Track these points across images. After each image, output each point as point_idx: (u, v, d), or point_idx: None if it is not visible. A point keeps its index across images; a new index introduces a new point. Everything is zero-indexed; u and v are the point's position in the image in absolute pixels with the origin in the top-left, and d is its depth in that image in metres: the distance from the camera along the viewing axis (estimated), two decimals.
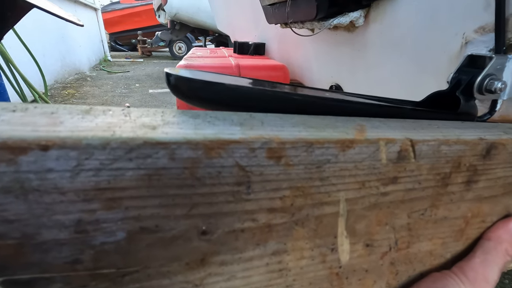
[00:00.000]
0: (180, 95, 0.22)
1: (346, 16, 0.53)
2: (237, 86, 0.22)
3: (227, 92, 0.21)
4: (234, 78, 0.26)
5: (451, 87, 0.36)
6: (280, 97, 0.23)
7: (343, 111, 0.28)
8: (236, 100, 0.22)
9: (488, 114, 0.38)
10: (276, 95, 0.23)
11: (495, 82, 0.33)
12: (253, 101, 0.23)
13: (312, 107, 0.25)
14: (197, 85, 0.21)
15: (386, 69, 0.56)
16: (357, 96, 0.36)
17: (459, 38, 0.40)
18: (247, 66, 0.80)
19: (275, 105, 0.22)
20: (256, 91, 0.23)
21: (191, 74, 0.23)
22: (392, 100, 0.37)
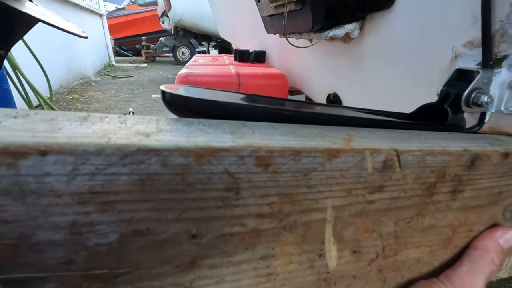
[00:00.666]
0: (175, 112, 0.24)
1: (342, 28, 0.54)
2: (228, 103, 0.23)
3: (219, 109, 0.23)
4: (227, 94, 0.27)
5: (440, 99, 0.37)
6: (270, 113, 0.24)
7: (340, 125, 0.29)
8: (227, 116, 0.23)
9: (478, 126, 0.39)
10: (266, 111, 0.25)
11: (482, 96, 0.34)
12: (244, 116, 0.24)
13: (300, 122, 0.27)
14: (190, 103, 0.22)
15: (382, 80, 0.57)
16: (347, 109, 0.37)
17: (449, 51, 0.41)
18: (247, 75, 0.81)
19: (266, 120, 0.24)
20: (246, 107, 0.24)
21: (185, 91, 0.24)
22: (383, 112, 0.38)
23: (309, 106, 0.30)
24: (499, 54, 0.35)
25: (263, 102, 0.27)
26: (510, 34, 0.34)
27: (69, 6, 4.54)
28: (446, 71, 0.43)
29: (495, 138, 0.33)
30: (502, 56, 0.35)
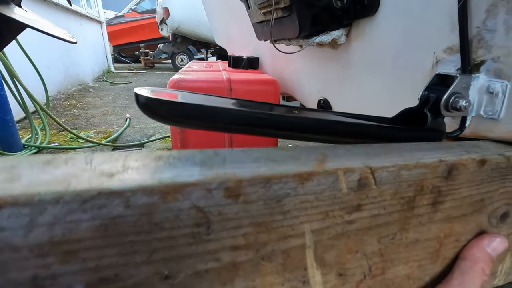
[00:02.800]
0: (147, 113, 0.24)
1: (328, 35, 0.55)
2: (199, 105, 0.23)
3: (185, 110, 0.23)
4: (203, 98, 0.27)
5: (420, 104, 0.37)
6: (237, 115, 0.24)
7: (313, 130, 0.29)
8: (199, 118, 0.23)
9: (459, 130, 0.39)
10: (231, 112, 0.24)
11: (460, 100, 0.34)
12: (218, 120, 0.24)
13: (277, 126, 0.27)
14: (156, 104, 0.22)
15: (369, 85, 0.57)
16: (331, 114, 0.37)
17: (431, 57, 0.42)
18: (238, 81, 0.82)
19: (233, 123, 0.24)
20: (219, 110, 0.24)
21: (155, 94, 0.24)
22: (367, 117, 0.38)
23: (288, 110, 0.30)
24: (477, 59, 0.36)
25: (238, 106, 0.27)
26: (486, 40, 0.34)
27: (69, 13, 4.59)
28: (429, 76, 0.43)
29: (473, 144, 0.33)
30: (480, 61, 0.36)
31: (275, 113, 0.26)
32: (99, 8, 6.49)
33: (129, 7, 8.63)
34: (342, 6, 0.51)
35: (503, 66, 0.34)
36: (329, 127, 0.28)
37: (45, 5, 3.75)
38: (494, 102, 0.35)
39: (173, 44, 5.03)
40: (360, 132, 0.31)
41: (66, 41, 0.60)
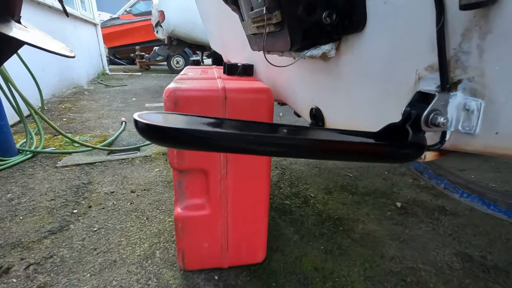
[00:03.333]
0: (147, 138, 0.26)
1: (319, 49, 0.57)
2: (194, 130, 0.25)
3: (176, 135, 0.25)
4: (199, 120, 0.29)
5: (402, 120, 0.40)
6: (223, 137, 0.26)
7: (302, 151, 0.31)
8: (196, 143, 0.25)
9: (439, 143, 0.42)
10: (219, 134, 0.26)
11: (439, 117, 0.37)
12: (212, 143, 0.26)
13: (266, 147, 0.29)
14: (154, 130, 0.24)
15: (358, 96, 0.60)
16: (320, 131, 0.40)
17: (414, 73, 0.44)
18: (233, 89, 0.84)
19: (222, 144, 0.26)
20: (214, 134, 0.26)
21: (154, 119, 0.26)
22: (353, 132, 0.40)
23: (277, 129, 0.32)
24: (454, 78, 0.38)
25: (230, 129, 0.29)
26: (462, 61, 0.37)
27: (63, 15, 4.56)
28: (412, 91, 0.46)
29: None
30: (457, 80, 0.38)
31: (264, 135, 0.28)
32: (94, 10, 6.46)
33: (124, 9, 8.61)
34: (331, 22, 0.53)
35: (477, 86, 0.36)
36: (317, 147, 0.31)
37: (39, 8, 3.73)
38: (470, 118, 0.38)
39: (169, 47, 5.03)
40: (346, 151, 0.33)
41: (65, 56, 0.61)
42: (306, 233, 1.29)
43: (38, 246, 1.17)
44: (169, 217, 1.39)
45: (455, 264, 1.13)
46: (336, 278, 1.05)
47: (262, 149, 0.28)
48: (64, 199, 1.51)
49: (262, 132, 0.30)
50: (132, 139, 2.55)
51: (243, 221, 1.00)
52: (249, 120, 0.32)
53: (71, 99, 4.05)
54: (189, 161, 0.89)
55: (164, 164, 1.98)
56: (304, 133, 0.34)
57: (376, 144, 0.36)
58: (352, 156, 0.35)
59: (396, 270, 1.10)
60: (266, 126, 0.33)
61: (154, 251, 1.16)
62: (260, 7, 0.58)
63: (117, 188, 1.65)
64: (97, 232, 1.26)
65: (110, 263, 1.09)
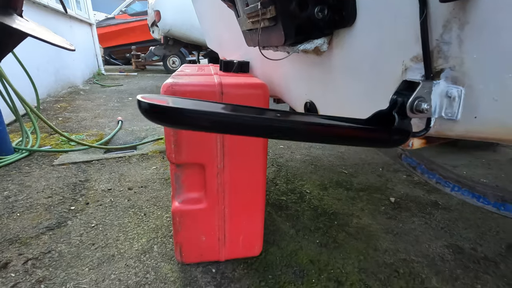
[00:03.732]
0: (149, 117, 0.28)
1: (311, 43, 0.60)
2: (186, 109, 0.27)
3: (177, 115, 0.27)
4: (198, 103, 0.31)
5: (389, 107, 0.42)
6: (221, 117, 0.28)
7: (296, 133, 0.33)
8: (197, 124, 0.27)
9: (424, 130, 0.44)
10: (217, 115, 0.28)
11: (423, 103, 0.39)
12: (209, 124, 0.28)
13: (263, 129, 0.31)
14: (157, 110, 0.26)
15: (349, 89, 0.62)
16: (312, 117, 0.42)
17: (400, 64, 0.47)
18: (229, 84, 0.86)
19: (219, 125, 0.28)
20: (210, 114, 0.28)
21: (156, 100, 0.28)
22: (344, 119, 0.43)
23: (271, 113, 0.34)
24: (437, 67, 0.41)
25: (229, 110, 0.31)
26: (444, 51, 0.39)
27: (58, 15, 4.55)
28: (399, 81, 0.48)
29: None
30: (440, 70, 0.41)
31: (260, 117, 0.30)
32: (89, 10, 6.44)
33: (120, 9, 8.58)
34: (323, 17, 0.56)
35: (458, 74, 0.39)
36: (310, 130, 0.33)
37: (34, 7, 3.72)
38: (452, 105, 0.40)
39: (165, 47, 5.03)
40: (337, 134, 0.35)
41: (66, 49, 0.63)
42: (302, 228, 1.32)
43: (36, 241, 1.17)
44: (167, 213, 1.40)
45: (446, 256, 1.16)
46: (331, 270, 1.07)
47: (260, 131, 0.30)
48: (61, 196, 1.52)
49: (259, 115, 0.32)
50: (129, 137, 2.55)
51: (240, 214, 1.02)
52: (247, 106, 0.34)
53: (66, 98, 4.04)
54: (186, 156, 0.91)
55: (161, 162, 2.00)
56: (300, 118, 0.36)
57: (365, 129, 0.38)
58: (343, 140, 0.37)
59: (389, 262, 1.12)
60: (263, 110, 0.35)
61: (152, 246, 1.17)
62: (255, 2, 0.60)
63: (114, 185, 1.66)
64: (95, 228, 1.27)
65: (108, 258, 1.10)
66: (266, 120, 0.31)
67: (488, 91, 0.36)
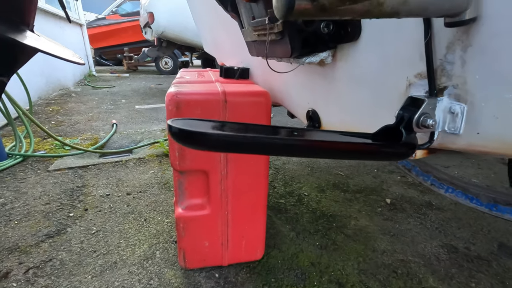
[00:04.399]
0: (179, 141, 0.29)
1: (317, 56, 0.62)
2: (221, 134, 0.29)
3: (204, 140, 0.28)
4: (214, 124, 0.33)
5: (396, 122, 0.44)
6: (243, 142, 0.30)
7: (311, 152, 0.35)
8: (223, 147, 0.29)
9: (428, 143, 0.47)
10: (237, 140, 0.30)
11: (428, 119, 0.42)
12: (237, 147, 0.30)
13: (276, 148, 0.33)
14: (187, 135, 0.28)
15: (352, 100, 0.64)
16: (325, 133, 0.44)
17: (404, 80, 0.49)
18: (232, 93, 0.87)
19: (244, 148, 0.29)
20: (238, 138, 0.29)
21: (186, 125, 0.30)
22: (352, 133, 0.45)
23: (288, 132, 0.36)
24: (441, 85, 0.43)
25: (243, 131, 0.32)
26: (447, 70, 0.42)
27: (48, 16, 4.47)
28: (403, 96, 0.51)
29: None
30: (443, 87, 0.43)
31: (276, 137, 0.32)
32: (79, 10, 6.34)
33: (110, 9, 8.47)
34: (328, 32, 0.58)
35: (461, 92, 0.41)
36: (325, 147, 0.35)
37: None
38: (455, 120, 0.43)
39: (158, 49, 5.00)
40: (352, 150, 0.37)
41: (76, 63, 0.63)
42: (301, 230, 1.34)
43: (36, 250, 1.16)
44: (167, 218, 1.40)
45: (441, 256, 1.20)
46: (332, 272, 1.10)
47: (279, 151, 0.32)
48: (59, 202, 1.51)
49: (277, 135, 0.33)
50: (124, 141, 2.54)
51: (243, 220, 1.04)
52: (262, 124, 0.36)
53: (58, 101, 3.97)
54: (190, 163, 0.92)
55: (159, 166, 1.99)
56: (314, 135, 0.38)
57: (375, 144, 0.40)
58: (354, 154, 0.39)
59: (387, 262, 1.16)
60: (280, 130, 0.36)
61: (154, 252, 1.18)
62: (262, 17, 0.62)
63: (112, 190, 1.65)
64: (96, 235, 1.27)
65: (110, 265, 1.10)
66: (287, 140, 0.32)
67: (489, 109, 0.38)
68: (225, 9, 0.80)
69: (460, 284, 1.06)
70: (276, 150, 0.33)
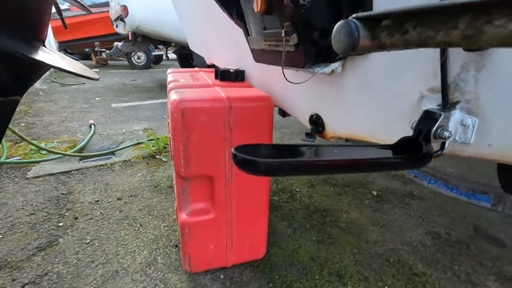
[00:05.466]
0: (245, 171, 0.31)
1: (329, 67, 0.65)
2: (274, 162, 0.30)
3: (268, 168, 0.30)
4: (280, 150, 0.35)
5: (415, 134, 0.48)
6: (301, 165, 0.32)
7: (346, 167, 0.38)
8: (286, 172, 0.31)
9: (440, 150, 0.52)
10: (294, 164, 0.32)
11: (444, 132, 0.46)
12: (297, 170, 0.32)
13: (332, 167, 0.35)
14: (253, 165, 0.29)
15: (360, 107, 0.68)
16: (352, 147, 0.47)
17: (417, 93, 0.53)
18: (236, 98, 0.88)
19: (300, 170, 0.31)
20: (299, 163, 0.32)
21: (250, 153, 0.31)
22: (374, 145, 0.48)
23: (328, 151, 0.39)
24: (453, 99, 0.48)
25: (307, 157, 0.34)
26: (461, 86, 0.46)
27: None
28: (415, 107, 0.55)
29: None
30: (456, 101, 0.48)
31: (330, 160, 0.35)
32: None
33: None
34: None
35: (472, 107, 0.46)
36: (365, 164, 0.38)
37: None
38: (466, 131, 0.47)
39: (133, 43, 4.78)
40: (383, 164, 0.40)
41: (90, 79, 0.61)
42: (297, 226, 1.39)
43: (28, 264, 1.11)
44: (163, 222, 1.39)
45: (427, 242, 1.31)
46: (331, 265, 1.16)
47: (332, 169, 0.34)
48: (45, 212, 1.43)
49: (327, 157, 0.36)
50: (105, 143, 2.44)
51: (247, 220, 1.06)
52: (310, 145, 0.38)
53: (25, 100, 3.70)
54: (196, 169, 0.92)
55: (146, 168, 1.95)
56: (350, 152, 0.41)
57: (404, 158, 0.44)
58: (386, 167, 0.43)
59: (380, 252, 1.24)
60: (330, 149, 0.38)
61: (155, 258, 1.17)
62: (276, 28, 0.63)
63: (101, 196, 1.60)
64: (91, 244, 1.23)
65: (112, 274, 1.08)
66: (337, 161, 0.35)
67: (500, 123, 0.43)
68: (229, 16, 0.80)
69: (445, 268, 1.17)
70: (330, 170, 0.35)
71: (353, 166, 0.38)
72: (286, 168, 0.32)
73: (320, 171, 0.34)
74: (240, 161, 0.30)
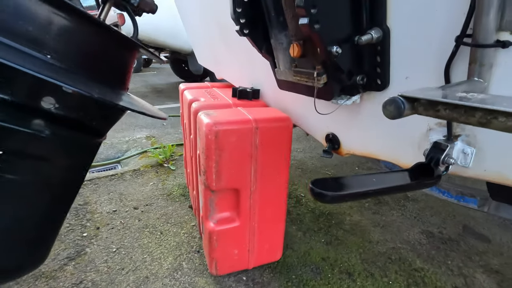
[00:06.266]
0: (321, 201, 0.42)
1: (350, 99, 0.77)
2: (345, 194, 0.42)
3: (343, 198, 0.42)
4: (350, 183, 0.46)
5: (428, 161, 0.62)
6: (355, 195, 0.44)
7: (385, 191, 0.50)
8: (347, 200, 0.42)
9: (444, 171, 0.65)
10: (359, 194, 0.44)
11: (450, 159, 0.60)
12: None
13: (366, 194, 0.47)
14: (329, 197, 0.41)
15: (375, 131, 0.81)
16: (382, 173, 0.59)
17: (426, 125, 0.67)
18: (261, 120, 0.99)
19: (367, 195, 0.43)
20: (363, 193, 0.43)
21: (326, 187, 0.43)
22: (395, 171, 0.61)
23: (368, 179, 0.51)
24: (456, 133, 0.61)
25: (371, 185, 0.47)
26: (461, 125, 0.60)
27: None
28: (424, 136, 0.68)
29: None
30: (458, 135, 0.61)
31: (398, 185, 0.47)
32: None
33: None
34: (362, 83, 0.73)
35: (471, 139, 0.59)
36: (392, 189, 0.50)
37: None
38: (466, 158, 0.61)
39: None
40: (405, 186, 0.53)
41: (160, 118, 0.70)
42: (307, 230, 1.52)
43: (62, 274, 1.18)
44: (182, 230, 1.49)
45: (422, 240, 1.47)
46: (340, 264, 1.29)
47: (374, 195, 0.46)
48: (66, 223, 1.50)
49: (370, 186, 0.48)
50: (110, 151, 2.49)
51: (267, 226, 1.18)
52: (360, 174, 0.50)
53: None
54: (225, 183, 1.03)
55: (157, 177, 2.03)
56: (381, 180, 0.53)
57: (420, 180, 0.57)
58: (410, 188, 0.56)
59: (382, 251, 1.38)
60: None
61: (180, 263, 1.26)
62: (308, 69, 0.75)
63: (118, 206, 1.67)
64: (117, 252, 1.31)
65: (143, 280, 1.17)
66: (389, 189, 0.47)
67: (492, 153, 0.57)
68: (259, 51, 0.91)
69: (440, 263, 1.32)
70: (373, 195, 0.47)
71: (388, 191, 0.50)
72: (343, 198, 0.44)
73: (366, 197, 0.47)
74: (315, 193, 0.42)
